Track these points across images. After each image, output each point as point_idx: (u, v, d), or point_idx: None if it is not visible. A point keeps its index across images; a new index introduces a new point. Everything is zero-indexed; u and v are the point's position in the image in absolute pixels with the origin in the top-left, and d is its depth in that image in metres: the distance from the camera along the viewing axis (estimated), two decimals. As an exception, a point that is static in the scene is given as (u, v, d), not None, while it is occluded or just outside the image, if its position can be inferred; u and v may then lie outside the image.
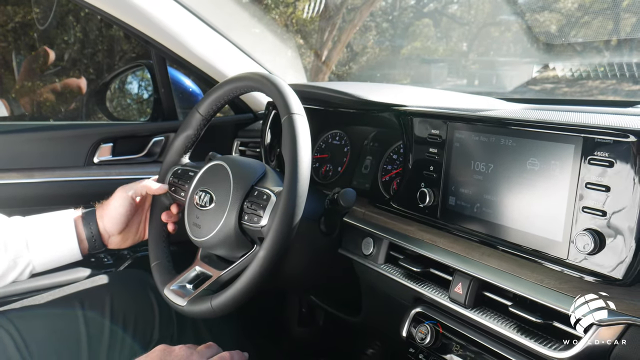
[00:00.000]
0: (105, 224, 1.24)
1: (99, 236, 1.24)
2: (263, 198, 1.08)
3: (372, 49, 5.60)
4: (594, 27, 1.79)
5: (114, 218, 1.23)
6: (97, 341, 1.25)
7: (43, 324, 1.21)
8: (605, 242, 0.79)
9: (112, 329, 1.28)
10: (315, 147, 1.56)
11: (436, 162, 1.09)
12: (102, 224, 1.24)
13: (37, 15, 3.58)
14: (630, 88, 1.80)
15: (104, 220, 1.24)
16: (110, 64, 3.83)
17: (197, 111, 1.26)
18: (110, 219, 1.23)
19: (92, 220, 1.23)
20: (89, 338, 1.24)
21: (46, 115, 3.05)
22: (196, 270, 1.20)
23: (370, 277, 1.22)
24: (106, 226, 1.24)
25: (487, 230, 0.97)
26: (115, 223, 1.24)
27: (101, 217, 1.24)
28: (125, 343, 1.28)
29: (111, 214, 1.23)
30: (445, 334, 1.03)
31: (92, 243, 1.23)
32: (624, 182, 0.77)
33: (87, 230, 1.22)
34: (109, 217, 1.23)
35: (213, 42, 1.82)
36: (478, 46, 5.32)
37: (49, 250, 1.19)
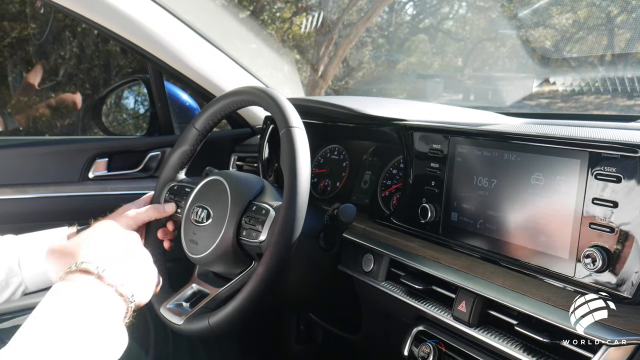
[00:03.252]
0: None
1: None
2: (262, 213, 1.06)
3: (368, 64, 5.63)
4: (589, 42, 1.79)
5: None
6: None
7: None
8: (613, 259, 0.78)
9: None
10: (313, 161, 1.54)
11: (437, 177, 1.07)
12: None
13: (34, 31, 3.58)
14: (624, 103, 1.80)
15: None
16: (107, 78, 3.83)
17: (193, 126, 1.25)
18: None
19: None
20: None
21: (41, 130, 3.04)
22: (193, 288, 1.18)
23: (371, 295, 1.20)
24: None
25: (491, 247, 0.96)
26: None
27: None
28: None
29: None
30: (448, 353, 1.01)
31: None
32: (632, 198, 0.76)
33: None
34: None
35: (210, 57, 1.81)
36: (473, 61, 5.36)
37: (41, 270, 1.15)
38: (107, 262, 0.86)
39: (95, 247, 0.92)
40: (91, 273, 0.83)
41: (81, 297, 0.80)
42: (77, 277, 0.83)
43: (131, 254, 0.95)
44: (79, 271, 0.83)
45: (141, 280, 0.93)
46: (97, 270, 0.83)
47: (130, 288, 0.87)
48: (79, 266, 0.84)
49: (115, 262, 0.89)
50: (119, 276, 0.86)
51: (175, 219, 1.26)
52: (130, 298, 0.85)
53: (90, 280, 0.82)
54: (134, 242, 0.98)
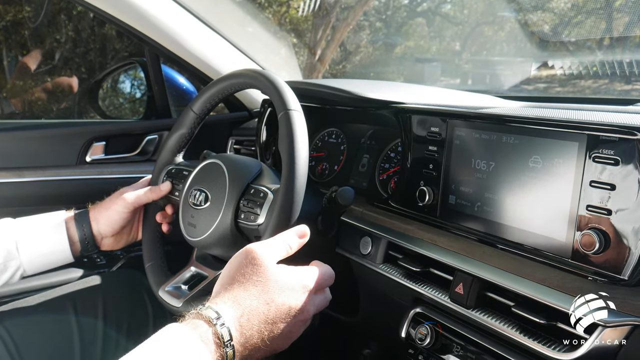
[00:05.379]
0: (100, 226, 1.22)
1: (92, 238, 1.22)
2: (260, 196, 1.06)
3: (366, 48, 5.60)
4: (587, 26, 1.78)
5: (113, 221, 1.22)
6: (90, 343, 1.23)
7: (35, 326, 1.19)
8: (610, 241, 0.78)
9: (105, 330, 1.26)
10: (311, 145, 1.54)
11: (435, 160, 1.07)
12: (97, 226, 1.22)
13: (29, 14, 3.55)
14: (622, 87, 1.80)
15: (99, 222, 1.21)
16: (103, 62, 3.80)
17: (191, 109, 1.24)
18: (107, 222, 1.21)
19: (85, 222, 1.21)
20: (81, 340, 1.22)
21: (37, 114, 3.02)
22: (191, 271, 1.18)
23: (369, 277, 1.20)
24: (101, 228, 1.22)
25: (488, 229, 0.96)
26: (112, 226, 1.22)
27: (96, 219, 1.22)
28: (119, 345, 1.26)
29: (110, 217, 1.21)
30: (445, 334, 1.02)
31: (84, 245, 1.21)
32: (629, 180, 0.76)
33: (80, 232, 1.20)
34: (106, 220, 1.21)
35: (207, 40, 1.80)
36: (471, 45, 5.34)
37: (39, 253, 1.16)
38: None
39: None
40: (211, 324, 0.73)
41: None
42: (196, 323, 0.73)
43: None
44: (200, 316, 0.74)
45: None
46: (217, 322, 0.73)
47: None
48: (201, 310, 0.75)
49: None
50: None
51: (173, 202, 1.26)
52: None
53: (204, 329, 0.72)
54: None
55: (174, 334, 0.71)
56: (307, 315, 0.86)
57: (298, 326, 0.84)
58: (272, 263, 0.84)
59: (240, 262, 0.83)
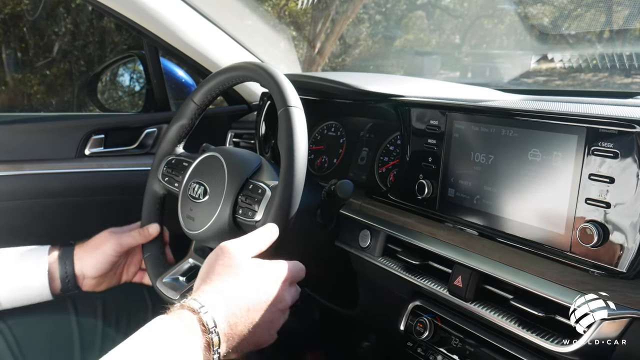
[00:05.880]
0: (84, 266, 1.18)
1: (73, 277, 1.17)
2: (258, 192, 1.05)
3: (365, 41, 5.59)
4: (587, 19, 1.78)
5: (98, 262, 1.19)
6: (90, 340, 1.23)
7: (35, 324, 1.19)
8: (608, 234, 0.78)
9: (104, 329, 1.26)
10: (310, 138, 1.54)
11: (435, 154, 1.07)
12: (80, 265, 1.18)
13: (27, 7, 3.54)
14: (622, 80, 1.80)
15: (84, 262, 1.18)
16: (102, 55, 3.79)
17: (191, 100, 1.24)
18: (92, 263, 1.18)
19: (68, 260, 1.17)
20: (81, 337, 1.22)
21: (36, 106, 3.02)
22: (189, 263, 1.19)
23: (368, 270, 1.21)
24: (84, 268, 1.18)
25: (488, 223, 0.96)
26: (97, 267, 1.19)
27: (81, 257, 1.18)
28: (118, 341, 1.26)
29: (96, 257, 1.19)
30: (443, 327, 1.02)
31: (65, 284, 1.17)
32: (628, 173, 0.76)
33: (62, 270, 1.16)
34: (91, 260, 1.18)
35: (206, 32, 1.79)
36: (471, 38, 5.33)
37: (15, 288, 1.13)
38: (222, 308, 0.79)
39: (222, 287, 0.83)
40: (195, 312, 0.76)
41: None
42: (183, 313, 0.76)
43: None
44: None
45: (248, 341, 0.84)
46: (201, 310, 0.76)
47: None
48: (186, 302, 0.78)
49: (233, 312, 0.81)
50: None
51: (173, 193, 1.26)
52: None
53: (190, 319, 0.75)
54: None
55: (160, 326, 0.74)
56: (285, 305, 0.91)
57: (278, 315, 0.90)
58: (247, 257, 0.88)
59: (216, 257, 0.88)
